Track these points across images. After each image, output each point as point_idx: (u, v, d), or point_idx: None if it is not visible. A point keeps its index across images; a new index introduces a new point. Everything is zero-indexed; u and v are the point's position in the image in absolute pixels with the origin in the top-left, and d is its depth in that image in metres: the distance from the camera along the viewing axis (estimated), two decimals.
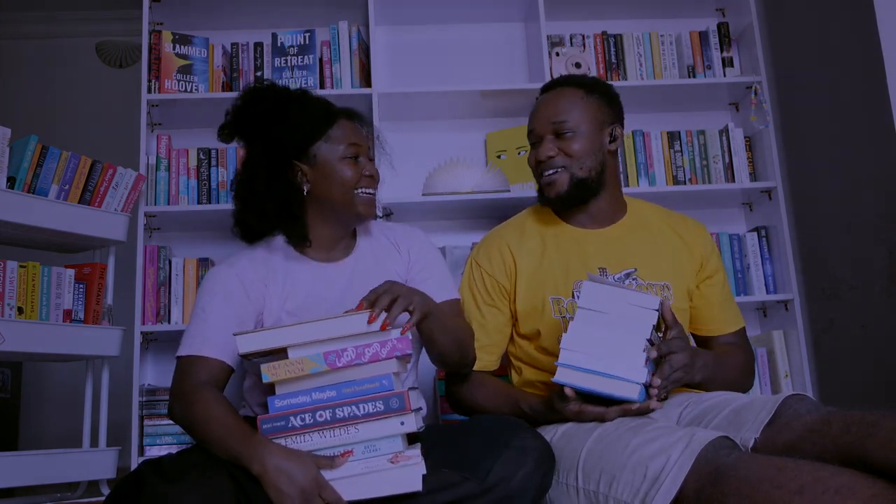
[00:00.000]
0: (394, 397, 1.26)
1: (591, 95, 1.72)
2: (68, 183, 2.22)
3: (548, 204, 1.75)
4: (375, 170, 1.63)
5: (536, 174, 1.74)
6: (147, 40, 2.59)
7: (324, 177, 1.56)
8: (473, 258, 1.79)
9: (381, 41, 2.79)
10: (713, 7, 2.93)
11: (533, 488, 1.32)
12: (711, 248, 1.80)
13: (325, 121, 1.58)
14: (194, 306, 1.54)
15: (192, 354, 1.46)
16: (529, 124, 1.75)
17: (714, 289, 1.78)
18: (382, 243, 1.68)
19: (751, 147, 2.76)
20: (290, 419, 1.26)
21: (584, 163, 1.68)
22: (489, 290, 1.74)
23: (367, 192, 1.59)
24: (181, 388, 1.43)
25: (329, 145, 1.57)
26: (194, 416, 1.36)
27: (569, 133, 1.68)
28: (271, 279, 1.57)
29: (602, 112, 1.72)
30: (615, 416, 1.40)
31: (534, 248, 1.74)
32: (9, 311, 2.08)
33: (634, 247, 1.73)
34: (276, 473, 1.22)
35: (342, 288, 1.59)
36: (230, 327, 1.46)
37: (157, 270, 2.49)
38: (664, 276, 1.71)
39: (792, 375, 2.54)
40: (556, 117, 1.69)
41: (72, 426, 2.67)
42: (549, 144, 1.69)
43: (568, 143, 1.68)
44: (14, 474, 2.05)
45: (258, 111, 1.57)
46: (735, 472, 1.13)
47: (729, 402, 1.47)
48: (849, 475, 1.06)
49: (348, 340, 1.29)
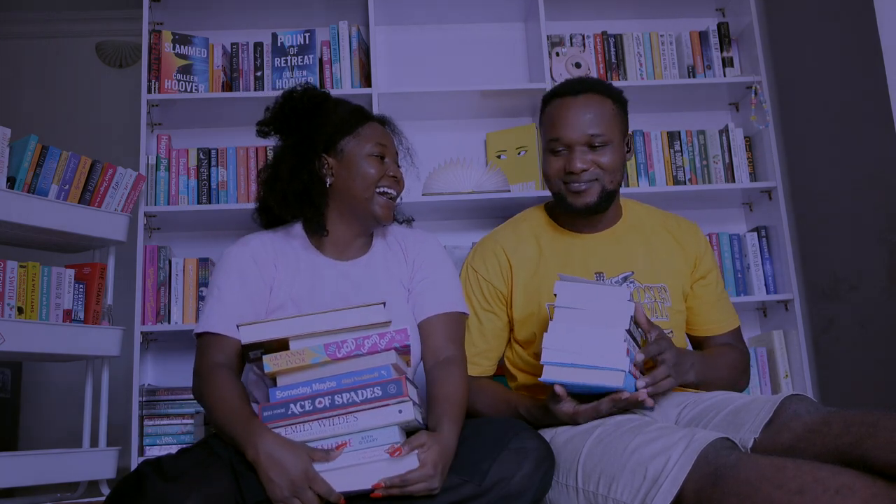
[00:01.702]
0: (391, 383, 1.28)
1: (616, 105, 1.68)
2: (68, 183, 2.22)
3: (568, 211, 1.70)
4: (400, 173, 1.66)
5: (560, 182, 1.67)
6: (147, 40, 2.59)
7: (348, 171, 1.60)
8: (470, 263, 1.78)
9: (381, 41, 2.80)
10: (713, 7, 2.93)
11: (532, 489, 1.32)
12: (705, 247, 1.80)
13: (357, 119, 1.64)
14: (210, 284, 1.59)
15: (209, 332, 1.49)
16: (556, 131, 1.65)
17: (708, 289, 1.77)
18: (394, 249, 1.69)
19: (751, 147, 2.76)
20: (289, 406, 1.28)
21: (614, 176, 1.66)
22: (486, 296, 1.73)
23: (388, 192, 1.62)
24: (199, 367, 1.48)
25: (357, 141, 1.62)
26: (206, 396, 1.42)
27: (603, 145, 1.63)
28: (282, 262, 1.60)
29: (624, 123, 1.70)
30: (608, 407, 1.40)
31: (530, 252, 1.73)
32: (9, 311, 2.08)
33: (631, 250, 1.73)
34: (268, 461, 1.24)
35: (349, 287, 1.60)
36: (244, 304, 1.52)
37: (157, 270, 2.49)
38: (661, 278, 1.71)
39: (792, 375, 2.54)
40: (591, 129, 1.63)
41: (72, 426, 2.67)
42: (583, 156, 1.63)
43: (601, 156, 1.63)
44: (14, 474, 2.05)
45: (296, 108, 1.64)
46: (735, 472, 1.13)
47: (728, 402, 1.47)
48: (849, 475, 1.06)
49: (349, 333, 1.32)
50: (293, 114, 1.63)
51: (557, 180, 1.67)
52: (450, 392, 1.44)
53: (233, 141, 2.69)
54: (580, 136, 1.63)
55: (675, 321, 1.71)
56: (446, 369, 1.50)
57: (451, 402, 1.42)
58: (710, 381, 1.60)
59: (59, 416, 3.62)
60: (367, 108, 1.70)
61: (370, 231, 1.69)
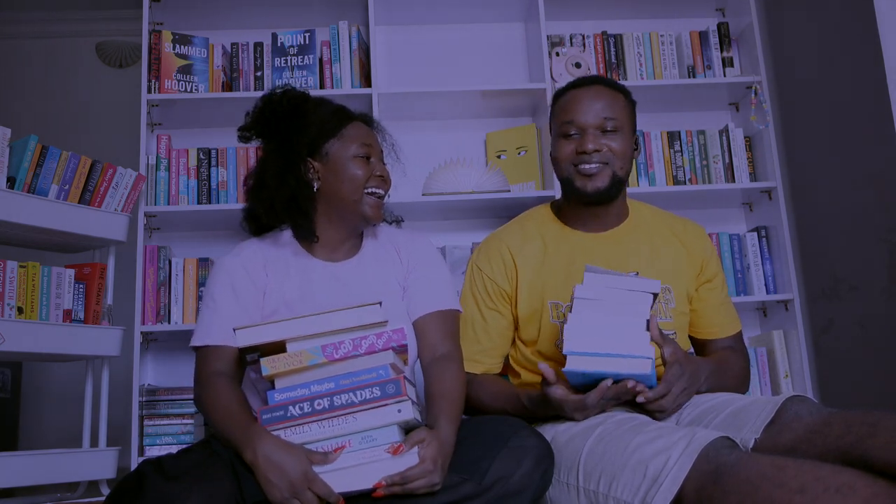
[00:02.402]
0: (390, 383, 1.28)
1: (627, 100, 1.72)
2: (68, 183, 2.22)
3: (576, 196, 1.70)
4: (387, 172, 1.64)
5: (571, 166, 1.68)
6: (147, 40, 2.59)
7: (334, 174, 1.59)
8: (474, 262, 1.78)
9: (381, 41, 2.80)
10: (713, 7, 2.93)
11: (532, 487, 1.32)
12: (711, 251, 1.80)
13: (340, 120, 1.62)
14: (204, 296, 1.59)
15: (206, 344, 1.50)
16: (570, 115, 1.68)
17: (713, 292, 1.77)
18: (386, 248, 1.69)
19: (751, 147, 2.76)
20: (288, 408, 1.28)
21: (624, 163, 1.67)
22: (491, 295, 1.73)
23: (376, 191, 1.61)
24: (199, 376, 1.49)
25: (341, 143, 1.60)
26: (205, 403, 1.42)
27: (615, 131, 1.66)
28: (272, 268, 1.60)
29: (634, 119, 1.74)
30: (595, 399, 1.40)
31: (535, 251, 1.73)
32: (9, 311, 2.08)
33: (635, 250, 1.73)
34: (266, 463, 1.23)
35: (341, 288, 1.60)
36: (240, 314, 1.52)
37: (157, 270, 2.49)
38: (665, 280, 1.71)
39: (792, 375, 2.54)
40: (605, 112, 1.66)
41: (72, 426, 2.67)
42: (595, 138, 1.65)
43: (613, 140, 1.66)
44: (14, 474, 2.05)
45: (276, 111, 1.62)
46: (736, 471, 1.13)
47: (729, 403, 1.47)
48: (849, 474, 1.06)
49: (346, 334, 1.32)
50: (273, 117, 1.61)
51: (568, 164, 1.68)
52: (446, 389, 1.44)
53: (233, 141, 2.65)
54: (594, 119, 1.66)
55: (679, 322, 1.71)
56: (442, 366, 1.50)
57: (448, 399, 1.42)
58: (717, 388, 1.61)
59: (59, 416, 3.62)
60: (348, 108, 1.67)
61: (359, 231, 1.68)
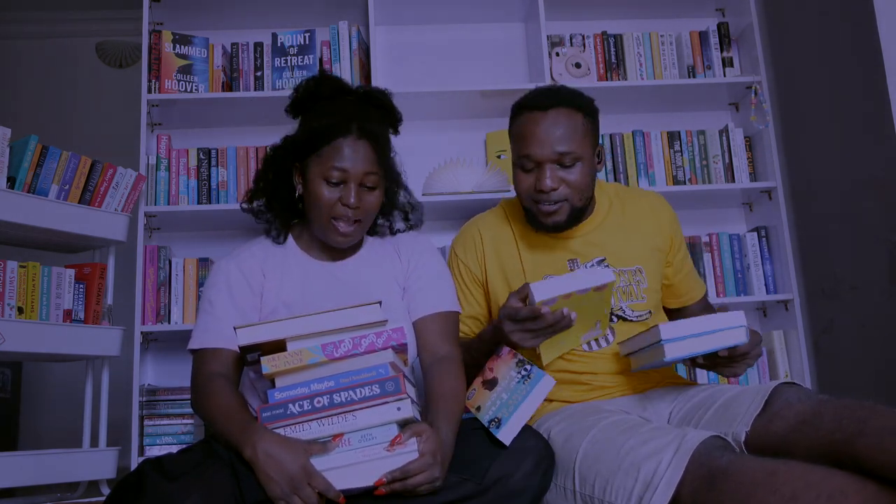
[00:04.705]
0: (389, 381, 1.28)
1: (587, 118, 1.64)
2: (68, 183, 2.22)
3: (537, 228, 1.70)
4: (362, 201, 1.53)
5: (531, 200, 1.65)
6: (147, 40, 2.59)
7: (307, 191, 1.57)
8: (453, 247, 1.84)
9: (381, 41, 2.79)
10: (713, 7, 2.93)
11: (532, 487, 1.32)
12: (674, 218, 1.83)
13: (328, 135, 1.52)
14: (201, 300, 1.60)
15: (204, 347, 1.51)
16: (526, 147, 1.61)
17: (685, 260, 1.84)
18: (386, 248, 1.69)
19: (751, 147, 2.76)
20: (288, 406, 1.28)
21: (584, 193, 1.64)
22: (465, 280, 1.78)
23: (337, 223, 1.54)
24: (196, 378, 1.49)
25: (318, 161, 1.53)
26: (203, 405, 1.43)
27: (573, 163, 1.60)
28: (269, 268, 1.60)
29: (595, 135, 1.67)
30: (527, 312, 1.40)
31: (506, 236, 1.77)
32: (9, 311, 2.08)
33: (606, 237, 1.73)
34: (265, 459, 1.23)
35: (340, 287, 1.60)
36: (235, 317, 1.53)
37: (157, 270, 2.49)
38: (636, 261, 1.72)
39: (792, 375, 2.54)
40: (560, 146, 1.59)
41: (72, 426, 2.67)
42: (552, 174, 1.60)
43: (571, 173, 1.61)
44: (14, 474, 2.05)
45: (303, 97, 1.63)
46: (729, 476, 1.14)
47: (718, 394, 1.48)
48: (840, 479, 1.07)
49: (346, 332, 1.32)
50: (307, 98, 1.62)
51: (527, 197, 1.66)
52: (446, 390, 1.45)
53: (233, 141, 2.70)
54: (550, 154, 1.59)
55: (652, 301, 1.73)
56: (443, 368, 1.51)
57: (447, 400, 1.42)
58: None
59: (59, 416, 3.63)
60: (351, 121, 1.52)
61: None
